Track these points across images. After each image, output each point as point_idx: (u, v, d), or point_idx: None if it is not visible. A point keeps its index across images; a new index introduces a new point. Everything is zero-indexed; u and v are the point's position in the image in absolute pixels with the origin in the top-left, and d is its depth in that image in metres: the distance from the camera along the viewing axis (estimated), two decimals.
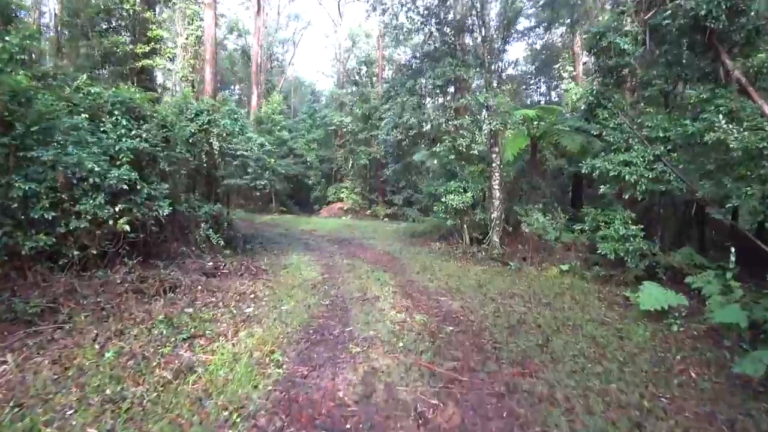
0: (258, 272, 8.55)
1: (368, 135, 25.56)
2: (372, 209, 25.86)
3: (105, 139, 7.12)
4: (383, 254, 12.28)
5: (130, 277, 6.30)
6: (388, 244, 14.22)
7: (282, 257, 10.82)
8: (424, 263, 10.93)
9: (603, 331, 6.18)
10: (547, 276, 9.84)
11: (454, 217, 12.38)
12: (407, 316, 6.32)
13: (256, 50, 28.74)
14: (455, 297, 7.67)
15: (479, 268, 10.66)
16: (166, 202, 7.59)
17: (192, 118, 9.83)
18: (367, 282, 8.52)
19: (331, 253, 12.04)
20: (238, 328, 5.50)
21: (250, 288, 7.33)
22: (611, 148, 9.11)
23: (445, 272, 9.89)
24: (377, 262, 10.92)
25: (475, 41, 13.46)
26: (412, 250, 12.98)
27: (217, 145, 9.84)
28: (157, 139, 7.82)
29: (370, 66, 29.81)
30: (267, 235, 14.94)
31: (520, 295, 8.12)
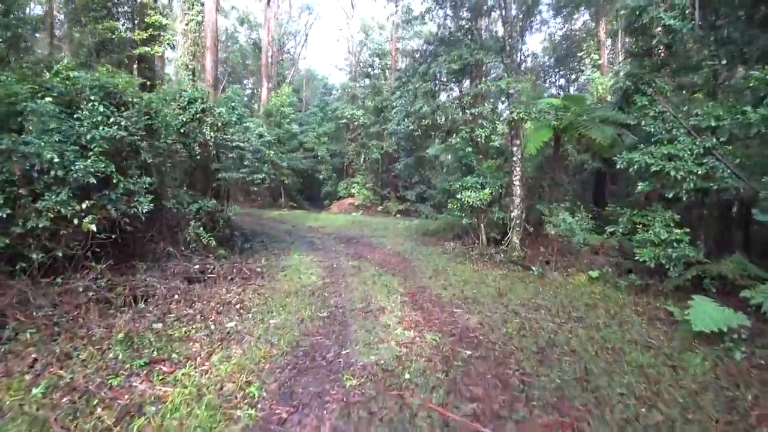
0: (251, 276, 7.64)
1: (380, 128, 24.53)
2: (384, 205, 24.85)
3: (77, 126, 6.25)
4: (393, 255, 11.28)
5: (97, 284, 5.42)
6: (398, 244, 13.22)
7: (282, 258, 9.91)
8: (437, 266, 9.90)
9: (650, 357, 5.10)
10: (574, 283, 8.74)
11: (471, 216, 11.31)
12: (416, 335, 5.32)
13: (266, 42, 27.88)
14: (472, 309, 6.64)
15: (498, 272, 9.59)
16: (147, 198, 6.72)
17: (184, 107, 8.94)
18: (372, 289, 7.54)
19: (337, 254, 11.09)
20: (213, 350, 4.57)
21: (238, 296, 6.41)
22: (652, 139, 7.93)
23: (461, 277, 8.86)
24: (386, 264, 9.93)
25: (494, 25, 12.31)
26: (424, 251, 11.96)
27: (211, 135, 8.94)
28: (138, 128, 6.92)
29: (383, 58, 28.70)
30: (271, 232, 14.08)
31: (546, 307, 7.06)
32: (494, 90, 10.19)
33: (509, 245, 11.03)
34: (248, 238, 11.58)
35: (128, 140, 6.75)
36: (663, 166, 7.33)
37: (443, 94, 14.10)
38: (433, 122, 11.59)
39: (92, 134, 6.15)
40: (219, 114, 9.06)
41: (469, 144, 11.01)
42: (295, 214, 21.51)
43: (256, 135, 9.40)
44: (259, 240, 11.76)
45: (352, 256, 10.78)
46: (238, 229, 11.89)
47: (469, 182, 10.70)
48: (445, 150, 12.97)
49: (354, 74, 32.51)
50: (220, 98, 9.31)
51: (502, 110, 16.70)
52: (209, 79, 12.22)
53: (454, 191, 11.06)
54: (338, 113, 27.06)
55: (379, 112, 24.88)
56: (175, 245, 7.96)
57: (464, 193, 10.55)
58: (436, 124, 12.21)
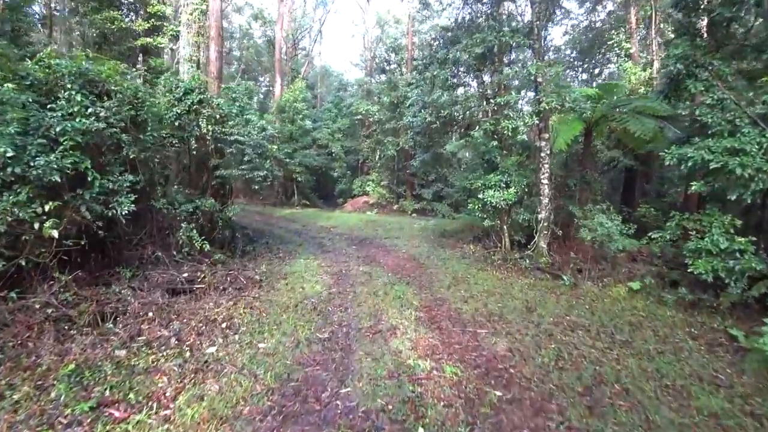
0: (247, 285, 6.78)
1: (396, 124, 23.52)
2: (399, 204, 23.88)
3: (49, 117, 5.47)
4: (408, 259, 10.32)
5: (59, 299, 4.61)
6: (414, 246, 12.26)
7: (286, 262, 9.04)
8: (457, 273, 8.92)
9: (723, 401, 4.09)
10: (612, 297, 7.67)
11: (493, 217, 10.27)
12: (433, 365, 4.37)
13: (280, 38, 27.13)
14: (499, 329, 5.65)
15: (524, 281, 8.56)
16: (129, 198, 5.91)
17: (180, 98, 8.14)
18: (383, 301, 6.60)
19: (347, 257, 10.18)
20: (184, 385, 3.71)
21: (227, 311, 5.54)
22: (708, 132, 6.77)
23: (483, 287, 7.87)
24: (400, 271, 8.98)
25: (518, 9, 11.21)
26: (441, 254, 10.97)
27: (208, 128, 8.13)
28: (120, 119, 6.12)
29: (398, 52, 27.67)
30: (278, 232, 13.27)
31: (584, 326, 6.03)
32: (521, 77, 9.06)
33: (536, 250, 9.96)
34: (252, 239, 10.77)
35: (108, 133, 5.96)
36: (725, 162, 6.18)
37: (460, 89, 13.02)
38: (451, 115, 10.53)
39: (63, 126, 5.35)
40: (217, 105, 8.23)
41: (493, 138, 9.93)
42: (307, 212, 20.69)
43: (258, 128, 8.56)
44: (264, 241, 10.94)
45: (363, 261, 9.85)
46: (243, 229, 11.11)
47: (492, 180, 9.65)
48: (465, 146, 11.95)
49: (369, 70, 31.62)
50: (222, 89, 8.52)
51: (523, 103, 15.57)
52: (213, 71, 11.45)
53: (476, 190, 10.03)
54: (353, 109, 26.16)
55: (395, 107, 23.89)
56: (165, 250, 7.16)
57: (487, 193, 9.51)
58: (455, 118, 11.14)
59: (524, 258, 9.93)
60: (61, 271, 4.94)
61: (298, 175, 22.99)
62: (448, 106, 10.41)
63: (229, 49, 37.90)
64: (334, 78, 37.97)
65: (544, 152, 9.75)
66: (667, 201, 14.72)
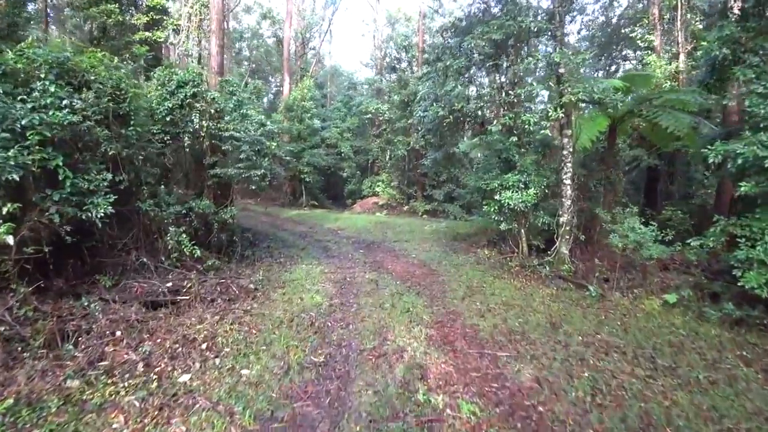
0: (239, 295, 6.11)
1: (407, 123, 22.80)
2: (410, 205, 23.13)
3: (15, 110, 4.87)
4: (418, 265, 9.58)
5: (14, 315, 3.98)
6: (424, 250, 11.52)
7: (286, 268, 8.37)
8: (471, 281, 8.17)
9: None
10: (645, 310, 6.86)
11: (510, 220, 9.48)
12: (447, 402, 3.64)
13: (288, 36, 26.59)
14: (522, 351, 4.89)
15: (545, 291, 7.78)
16: (107, 200, 5.29)
17: (173, 91, 7.53)
18: (390, 315, 5.88)
19: (353, 263, 9.48)
20: (143, 427, 3.03)
21: (210, 328, 4.87)
22: (760, 125, 5.92)
23: (501, 298, 7.11)
24: (409, 278, 8.25)
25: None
26: (454, 260, 10.21)
27: (202, 124, 7.51)
28: (97, 112, 5.52)
29: (409, 50, 26.93)
30: (282, 235, 12.63)
31: (619, 347, 5.26)
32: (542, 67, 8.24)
33: (557, 256, 9.15)
34: (253, 242, 10.13)
35: (85, 127, 5.35)
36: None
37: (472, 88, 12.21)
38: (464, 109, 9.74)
39: (30, 118, 4.74)
40: (213, 99, 7.60)
41: (512, 134, 9.13)
42: (315, 213, 20.07)
43: (256, 124, 7.91)
44: (265, 245, 10.30)
45: (370, 267, 9.14)
46: (244, 232, 10.48)
47: (510, 181, 8.86)
48: (478, 145, 11.15)
49: (380, 69, 30.98)
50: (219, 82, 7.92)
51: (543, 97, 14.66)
52: (215, 65, 10.86)
53: (492, 191, 9.25)
54: (362, 108, 25.50)
55: (406, 106, 23.15)
56: (153, 256, 6.55)
57: (504, 194, 8.73)
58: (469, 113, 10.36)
59: (544, 265, 9.13)
60: (23, 282, 4.31)
61: (306, 175, 22.37)
62: (462, 99, 9.62)
63: (238, 50, 37.61)
64: (345, 78, 37.36)
65: (567, 150, 8.95)
66: (695, 203, 13.74)
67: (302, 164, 22.29)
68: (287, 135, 23.06)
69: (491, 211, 9.41)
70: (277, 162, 9.89)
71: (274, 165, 9.01)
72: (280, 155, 8.99)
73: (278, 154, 9.17)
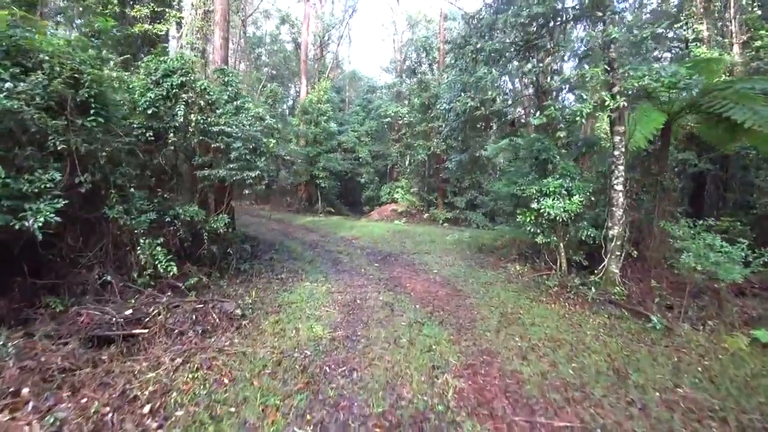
0: (219, 325, 4.89)
1: (427, 127, 21.51)
2: (430, 212, 21.75)
3: None
4: (440, 283, 8.24)
5: None
6: (447, 264, 10.16)
7: (287, 286, 7.14)
8: (505, 305, 6.79)
9: None
10: (728, 350, 5.38)
11: (549, 232, 8.05)
12: None
13: (306, 38, 25.69)
14: (587, 420, 3.52)
15: (596, 319, 6.36)
16: (51, 205, 4.16)
17: (158, 81, 6.44)
18: (407, 357, 4.57)
19: (366, 279, 8.20)
20: None
21: (167, 376, 3.64)
22: None
23: (544, 330, 5.73)
24: (431, 301, 6.92)
25: None
26: (482, 277, 8.83)
27: (191, 118, 6.37)
28: (45, 96, 4.42)
29: (429, 52, 25.68)
30: (291, 244, 11.44)
31: (714, 410, 3.89)
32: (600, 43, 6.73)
33: (604, 275, 7.69)
34: (254, 254, 8.96)
35: (28, 116, 4.25)
36: None
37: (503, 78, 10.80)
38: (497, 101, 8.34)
39: None
40: (203, 90, 6.48)
41: (556, 130, 7.69)
42: (330, 221, 18.88)
43: (253, 118, 6.75)
44: (268, 257, 9.11)
45: (385, 285, 7.84)
46: (245, 242, 9.34)
47: (551, 186, 7.45)
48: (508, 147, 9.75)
49: (399, 72, 29.87)
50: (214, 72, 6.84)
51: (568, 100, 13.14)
52: (218, 59, 9.83)
53: (528, 198, 7.85)
54: (381, 111, 24.32)
55: (426, 109, 21.88)
56: (123, 273, 5.42)
57: (544, 202, 7.33)
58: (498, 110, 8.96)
59: (588, 285, 7.68)
60: None
61: (322, 180, 21.26)
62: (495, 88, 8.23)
63: (257, 55, 37.08)
64: (364, 83, 36.35)
65: (618, 150, 7.50)
66: (757, 213, 11.99)
67: (318, 169, 21.20)
68: (303, 139, 22.05)
69: (526, 222, 8.01)
70: (280, 163, 8.66)
71: (275, 166, 7.81)
72: (283, 155, 7.78)
73: (281, 153, 7.94)
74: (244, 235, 10.39)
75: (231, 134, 6.35)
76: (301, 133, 21.88)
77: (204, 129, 6.47)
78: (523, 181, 8.12)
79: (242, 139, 6.40)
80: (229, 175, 6.48)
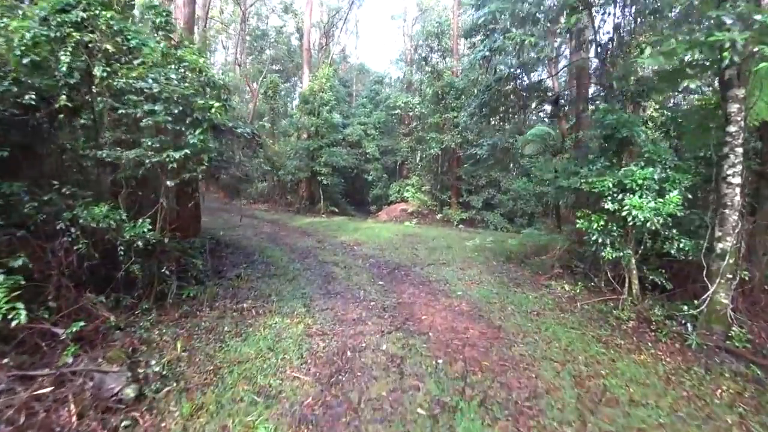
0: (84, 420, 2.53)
1: (441, 118, 19.05)
2: (443, 213, 19.30)
3: None
4: (469, 314, 5.81)
5: None
6: (472, 281, 7.73)
7: (245, 325, 4.74)
8: (574, 360, 4.36)
9: None
10: None
11: (623, 244, 5.57)
12: None
13: (308, 25, 23.30)
14: None
15: (720, 386, 3.92)
16: None
17: (46, 18, 4.11)
18: None
19: (365, 308, 5.79)
20: None
21: None
22: None
23: (654, 414, 3.29)
24: (460, 350, 4.50)
25: None
26: (522, 302, 6.39)
27: (96, 71, 4.03)
28: None
29: (441, 38, 23.14)
30: (276, 253, 9.05)
31: None
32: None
33: (708, 308, 5.19)
34: (218, 269, 6.60)
35: None
36: None
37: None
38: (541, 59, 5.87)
39: None
40: (111, 28, 4.13)
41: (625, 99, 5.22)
42: (331, 222, 16.47)
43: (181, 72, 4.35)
44: (236, 272, 6.72)
45: (391, 319, 5.42)
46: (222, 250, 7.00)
47: (637, 177, 4.97)
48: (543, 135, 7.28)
49: (410, 62, 27.41)
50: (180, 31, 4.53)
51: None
52: (180, 17, 7.52)
53: (599, 194, 5.37)
54: (390, 102, 21.88)
55: (440, 99, 19.41)
56: None
57: (631, 200, 4.85)
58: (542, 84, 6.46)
59: (677, 319, 5.22)
60: None
61: (324, 177, 18.84)
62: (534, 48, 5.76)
63: (261, 48, 34.83)
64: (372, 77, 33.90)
65: (735, 125, 5.00)
66: None
67: (319, 164, 18.81)
68: (305, 131, 19.69)
69: (593, 228, 5.53)
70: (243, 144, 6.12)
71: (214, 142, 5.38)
72: (229, 124, 5.18)
73: (227, 122, 5.27)
74: (214, 242, 8.05)
75: (147, 91, 3.98)
76: (301, 125, 19.50)
77: (119, 89, 4.11)
78: (589, 170, 5.63)
79: (163, 100, 4.04)
80: (141, 156, 4.09)
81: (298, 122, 19.68)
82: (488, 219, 19.15)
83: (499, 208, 20.14)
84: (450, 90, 19.13)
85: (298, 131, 20.58)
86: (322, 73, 19.09)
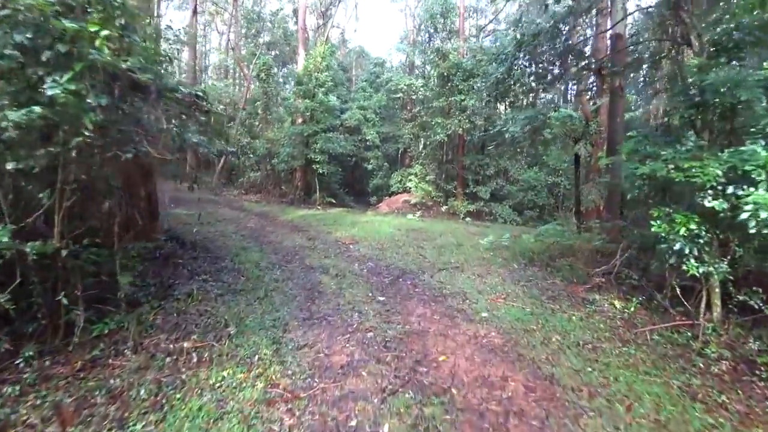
0: None
1: (446, 102, 17.28)
2: (448, 204, 17.65)
3: None
4: (504, 353, 4.20)
5: None
6: (496, 294, 6.12)
7: (170, 389, 3.13)
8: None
9: None
10: None
11: (713, 255, 3.92)
12: None
13: (303, 4, 21.36)
14: None
15: None
16: None
17: None
18: None
19: (358, 342, 4.18)
20: None
21: None
22: None
23: None
24: (497, 422, 2.89)
25: None
26: (566, 329, 4.79)
27: None
28: None
29: (447, 16, 21.20)
30: (253, 256, 7.39)
31: None
32: None
33: None
34: (168, 283, 4.98)
35: None
36: None
37: None
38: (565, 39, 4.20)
39: None
40: None
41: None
42: (327, 215, 14.77)
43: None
44: (190, 287, 5.08)
45: (395, 363, 3.82)
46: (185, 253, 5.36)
47: (762, 161, 3.32)
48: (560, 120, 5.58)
49: (413, 43, 25.48)
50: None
51: None
52: None
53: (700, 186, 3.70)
54: (392, 86, 20.06)
55: (446, 81, 17.61)
56: None
57: (755, 195, 3.20)
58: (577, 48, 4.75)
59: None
60: None
61: (320, 165, 17.12)
62: None
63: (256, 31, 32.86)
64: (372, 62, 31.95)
65: None
66: None
67: (314, 151, 17.08)
68: (299, 116, 17.93)
69: (675, 234, 3.88)
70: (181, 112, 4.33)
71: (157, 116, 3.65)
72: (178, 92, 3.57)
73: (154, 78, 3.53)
74: (176, 245, 6.40)
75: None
76: (295, 109, 17.74)
77: None
78: (672, 152, 3.95)
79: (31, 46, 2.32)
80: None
81: (291, 106, 17.92)
82: (497, 211, 17.56)
83: (508, 200, 18.54)
84: (457, 71, 17.33)
85: (292, 116, 18.82)
86: (318, 51, 17.24)
